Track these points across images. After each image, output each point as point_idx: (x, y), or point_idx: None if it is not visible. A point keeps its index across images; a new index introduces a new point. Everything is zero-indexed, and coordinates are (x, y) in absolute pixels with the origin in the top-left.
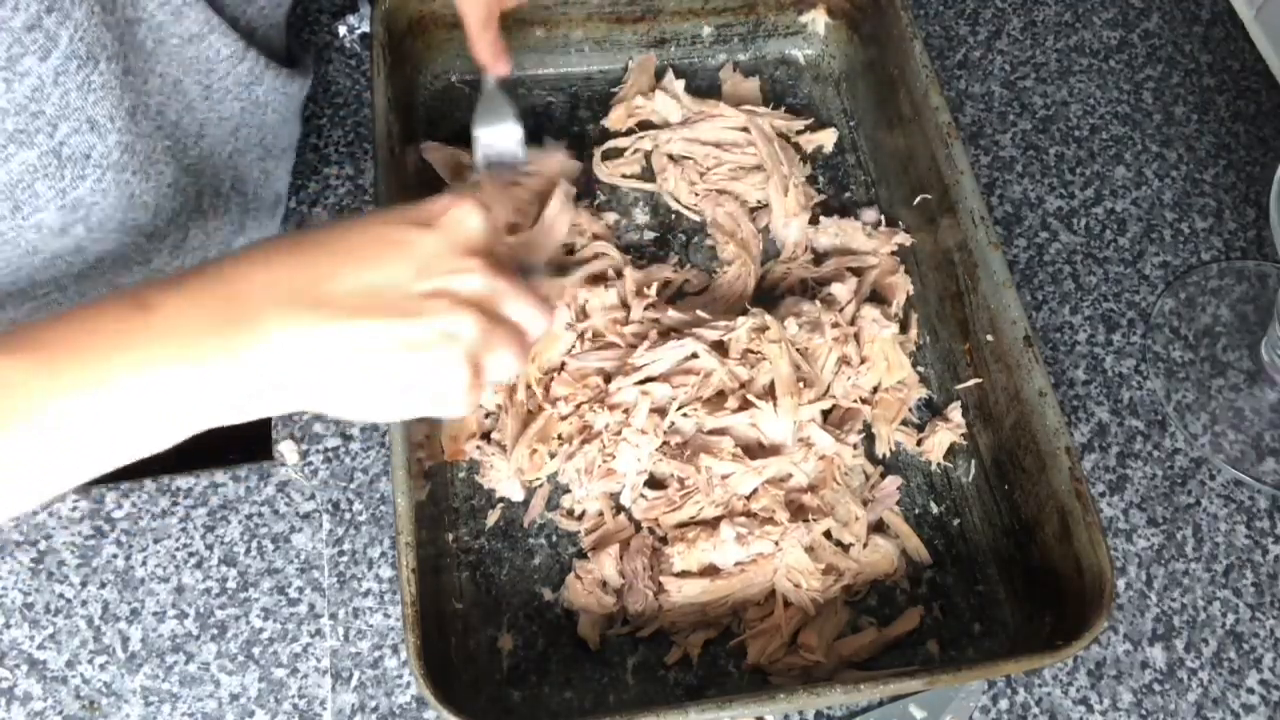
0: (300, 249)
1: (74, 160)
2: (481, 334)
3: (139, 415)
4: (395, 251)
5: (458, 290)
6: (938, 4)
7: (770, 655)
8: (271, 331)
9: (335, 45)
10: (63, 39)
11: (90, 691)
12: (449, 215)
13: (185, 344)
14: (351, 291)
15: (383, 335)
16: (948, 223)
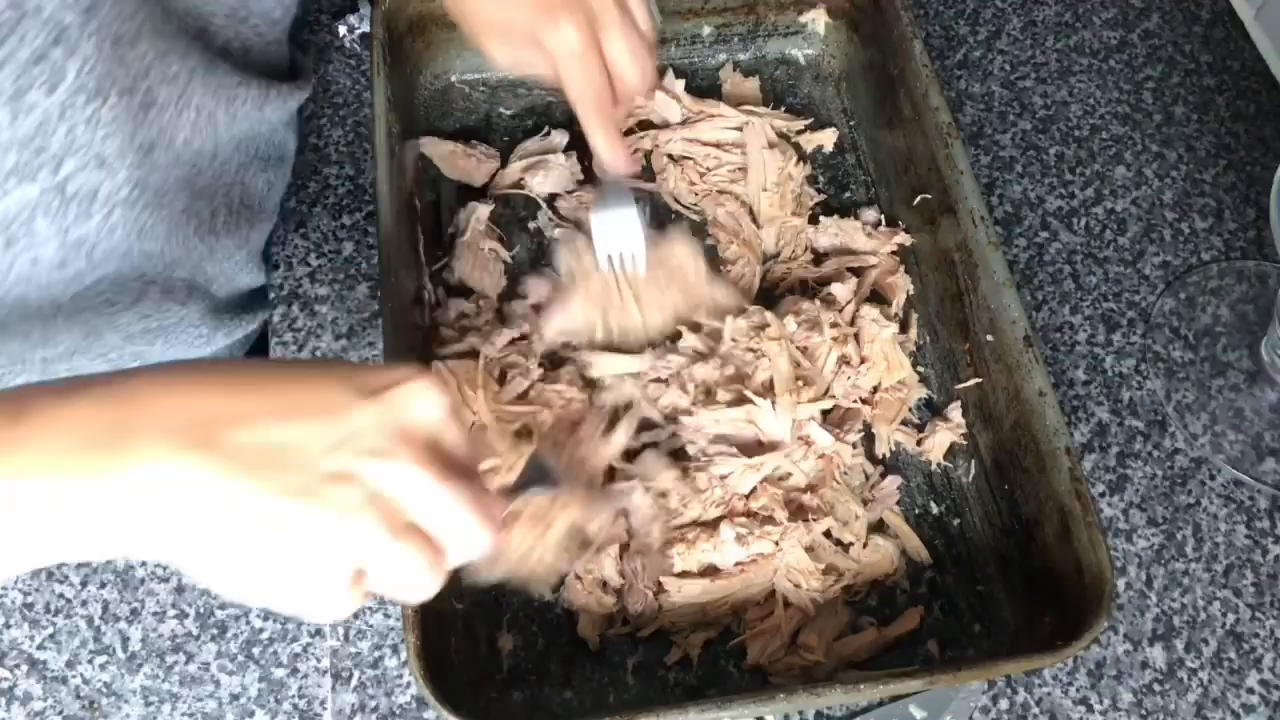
0: (214, 380)
1: (79, 198)
2: (376, 544)
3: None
4: (318, 413)
5: (368, 482)
6: (938, 4)
7: (770, 655)
8: (145, 462)
9: (335, 45)
10: (70, 72)
11: (90, 691)
12: (399, 390)
13: (49, 460)
14: (250, 444)
15: (262, 505)
16: (948, 223)
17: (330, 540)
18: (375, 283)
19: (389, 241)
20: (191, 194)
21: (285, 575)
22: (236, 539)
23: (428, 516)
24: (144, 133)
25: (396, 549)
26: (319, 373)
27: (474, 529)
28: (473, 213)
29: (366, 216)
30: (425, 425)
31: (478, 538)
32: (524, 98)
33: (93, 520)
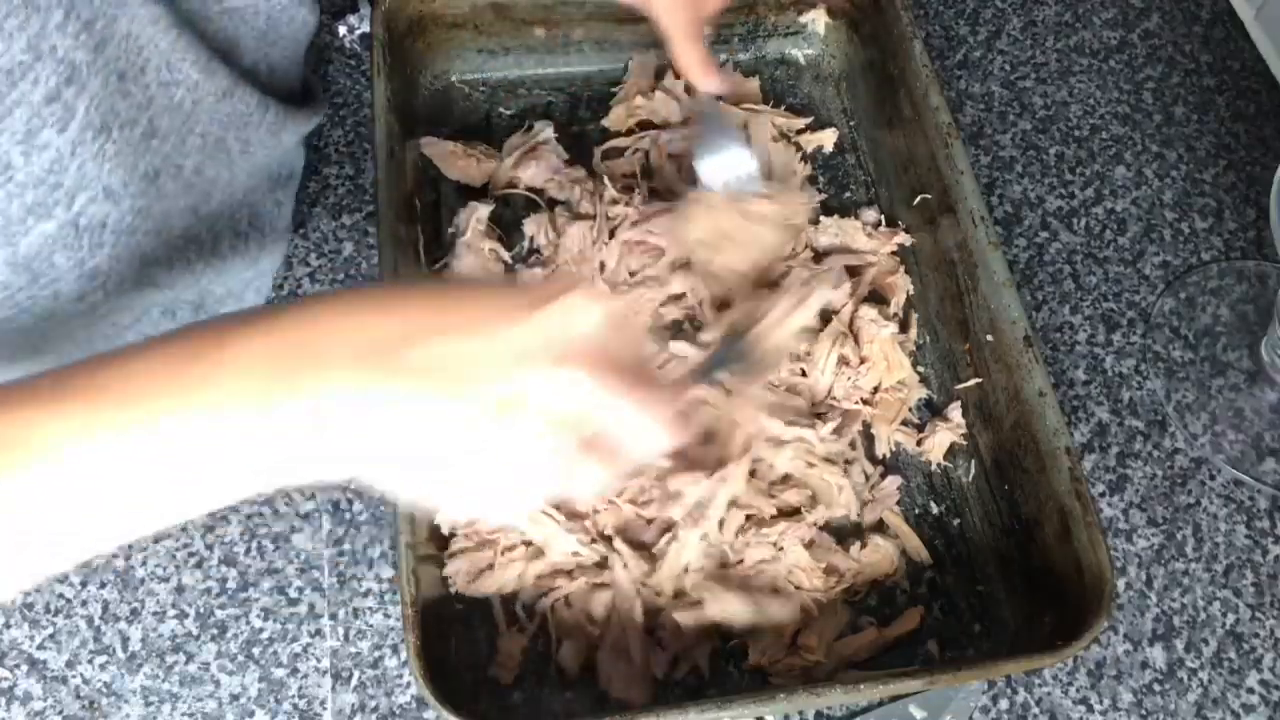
0: (388, 303)
1: (91, 229)
2: (560, 464)
3: (169, 467)
4: (487, 330)
5: (547, 397)
6: (938, 4)
7: (770, 656)
8: (335, 384)
9: (335, 45)
10: (79, 110)
11: (90, 691)
12: (559, 304)
13: (249, 390)
14: (428, 362)
15: (449, 418)
16: (948, 223)
17: (516, 447)
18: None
19: (389, 241)
20: (195, 219)
21: (474, 481)
22: (426, 453)
23: (603, 423)
24: (147, 162)
25: (583, 460)
26: (485, 290)
27: (650, 430)
28: (473, 213)
29: (366, 216)
30: (589, 334)
31: (654, 438)
32: (524, 98)
33: (291, 443)
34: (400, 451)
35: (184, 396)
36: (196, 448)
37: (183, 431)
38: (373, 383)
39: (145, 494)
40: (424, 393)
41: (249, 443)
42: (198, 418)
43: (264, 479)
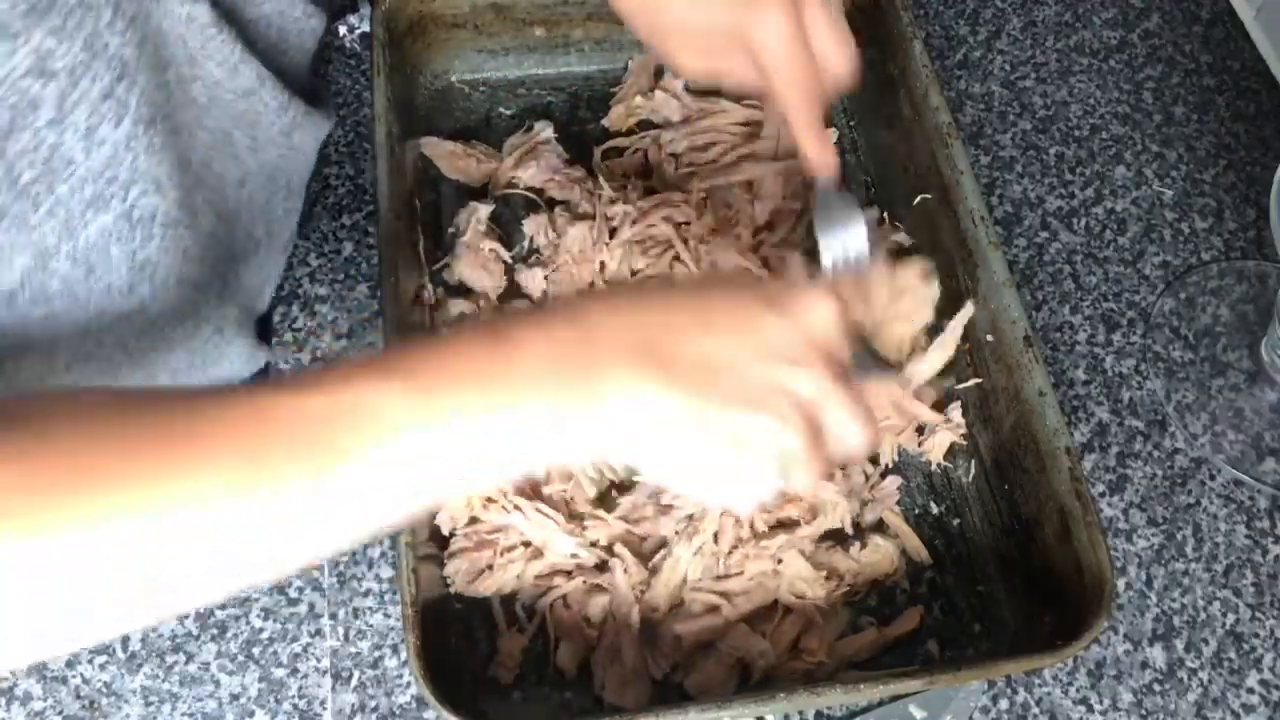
0: (649, 301)
1: (143, 222)
2: (801, 445)
3: (478, 455)
4: (743, 328)
5: (794, 390)
6: (938, 4)
7: (773, 663)
8: (616, 384)
9: (335, 45)
10: (132, 104)
11: (90, 691)
12: (803, 304)
13: (541, 387)
14: (695, 360)
15: (714, 419)
16: (948, 223)
17: (767, 446)
18: (375, 283)
19: (389, 241)
20: (215, 217)
21: (728, 471)
22: (696, 445)
23: (831, 417)
24: (179, 153)
25: (815, 445)
26: (725, 289)
27: (864, 430)
28: (473, 213)
29: (366, 216)
30: (828, 336)
31: (866, 438)
32: (524, 98)
33: (573, 437)
34: (664, 439)
35: (500, 390)
36: (494, 441)
37: (499, 423)
38: (649, 382)
39: (457, 475)
40: (690, 387)
41: (540, 432)
42: (510, 410)
43: (543, 460)
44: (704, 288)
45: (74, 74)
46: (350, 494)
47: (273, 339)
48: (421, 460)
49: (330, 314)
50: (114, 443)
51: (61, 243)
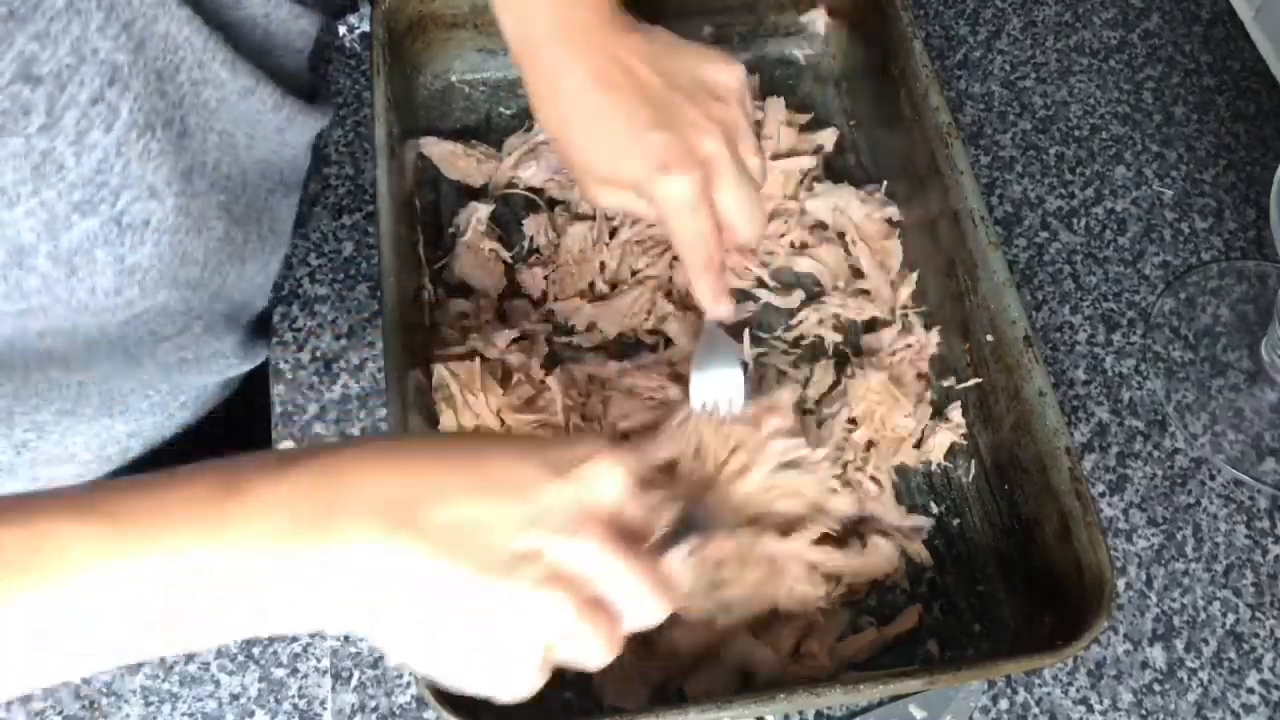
0: (413, 458)
1: (133, 227)
2: (567, 622)
3: (184, 598)
4: (511, 491)
5: (560, 562)
6: (938, 4)
7: (775, 667)
8: (352, 541)
9: (335, 45)
10: (124, 110)
11: (90, 691)
12: (587, 468)
13: (262, 536)
14: (448, 522)
15: (463, 583)
16: (947, 223)
17: (525, 618)
18: (375, 283)
19: (389, 241)
20: (230, 220)
21: (481, 651)
22: (437, 616)
23: (610, 591)
24: (184, 161)
25: (584, 625)
26: (510, 448)
27: (652, 601)
28: (473, 213)
29: (366, 216)
30: (609, 505)
31: (655, 609)
32: (524, 98)
33: (298, 595)
34: (406, 609)
35: (212, 531)
36: (215, 583)
37: (207, 564)
38: (393, 539)
39: (153, 622)
40: (440, 552)
41: (264, 583)
42: (224, 553)
43: (268, 622)
44: (480, 445)
45: (60, 78)
46: (47, 623)
47: (273, 338)
48: (116, 596)
49: (330, 314)
50: None
51: (41, 242)
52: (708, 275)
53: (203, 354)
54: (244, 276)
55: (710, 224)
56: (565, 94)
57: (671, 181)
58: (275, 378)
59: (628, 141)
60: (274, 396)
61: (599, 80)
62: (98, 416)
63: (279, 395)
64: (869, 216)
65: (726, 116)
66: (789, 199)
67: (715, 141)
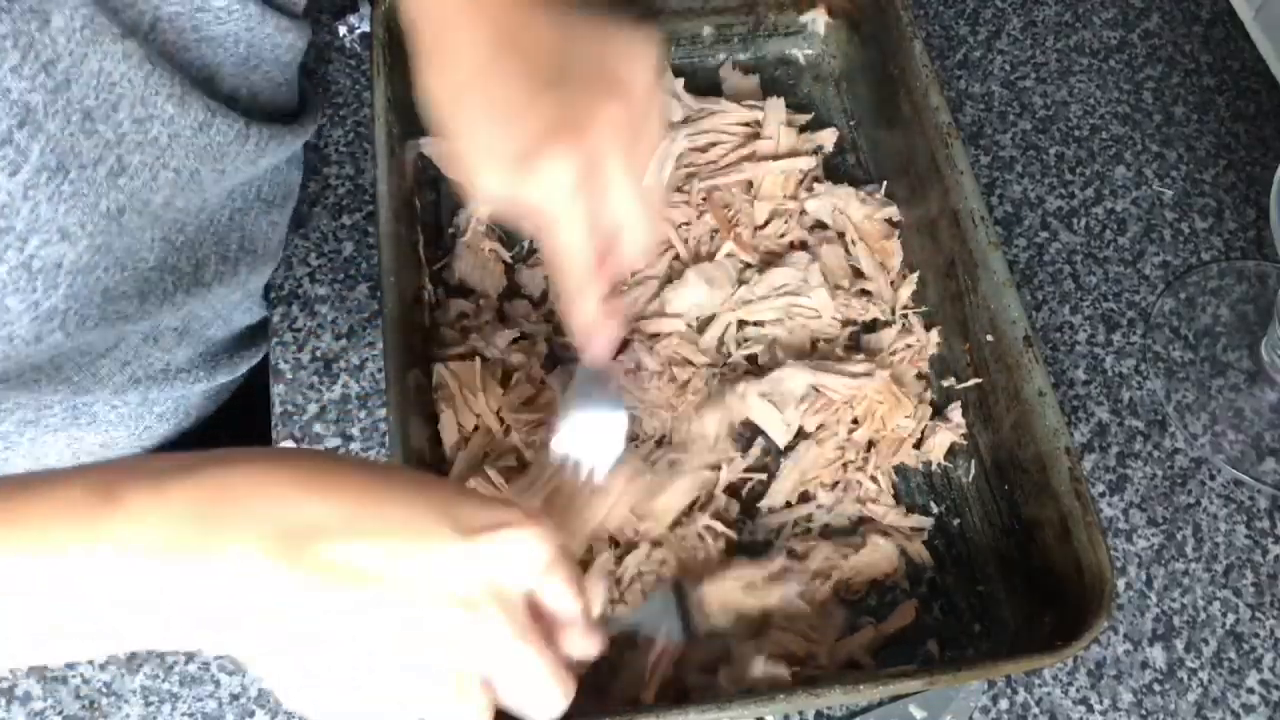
0: (311, 483)
1: (45, 271)
2: (441, 698)
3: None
4: (410, 541)
5: (447, 631)
6: (938, 4)
7: None
8: (231, 562)
9: (335, 45)
10: (34, 153)
11: (90, 691)
12: (500, 536)
13: (136, 547)
14: (336, 562)
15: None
16: (947, 223)
17: (395, 683)
18: (375, 283)
19: (389, 241)
20: (170, 249)
21: (346, 700)
22: (305, 652)
23: (501, 675)
24: (110, 200)
25: (460, 707)
26: (422, 494)
27: (547, 697)
28: (473, 213)
29: (366, 216)
30: (522, 580)
31: (549, 706)
32: None
33: (169, 612)
34: (281, 644)
35: (94, 532)
36: (97, 585)
37: (88, 564)
38: (277, 567)
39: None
40: (325, 594)
41: (139, 593)
42: (106, 555)
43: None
44: (385, 480)
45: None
46: None
47: (273, 338)
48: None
49: (330, 314)
50: None
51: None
52: (581, 293)
53: (152, 369)
54: (210, 299)
55: (588, 226)
56: (453, 62)
57: (553, 160)
58: (275, 378)
59: (507, 113)
60: (274, 396)
61: (491, 47)
62: (64, 427)
63: (279, 395)
64: (869, 216)
65: (628, 100)
66: (789, 199)
67: (609, 126)
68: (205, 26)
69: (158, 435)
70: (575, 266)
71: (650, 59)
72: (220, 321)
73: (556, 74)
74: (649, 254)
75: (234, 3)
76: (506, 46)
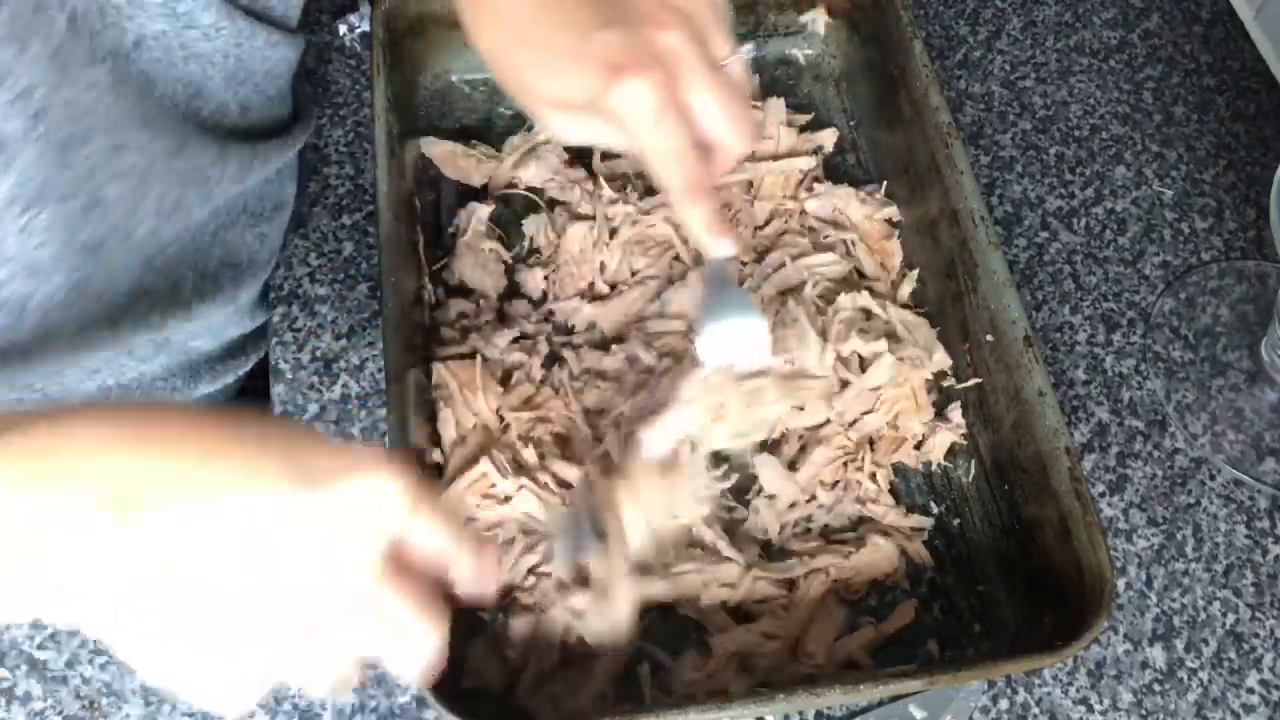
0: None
1: (8, 307)
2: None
3: None
4: (249, 496)
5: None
6: (938, 4)
7: (775, 667)
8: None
9: (335, 45)
10: (4, 185)
11: (90, 691)
12: (349, 483)
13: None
14: (166, 523)
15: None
16: (947, 223)
17: (245, 640)
18: (375, 283)
19: (389, 241)
20: (144, 272)
21: (201, 662)
22: (148, 613)
23: (358, 624)
24: (89, 233)
25: (314, 662)
26: (267, 445)
27: (413, 640)
28: (473, 213)
29: (366, 216)
30: (383, 525)
31: (417, 649)
32: None
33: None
34: (121, 605)
35: None
36: None
37: None
38: (111, 521)
39: None
40: (159, 552)
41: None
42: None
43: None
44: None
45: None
46: None
47: (273, 338)
48: None
49: (330, 314)
50: None
51: None
52: (696, 201)
53: (125, 378)
54: (189, 318)
55: (684, 135)
56: (504, 9)
57: (628, 88)
58: (275, 378)
59: (574, 48)
60: (274, 396)
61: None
62: None
63: (279, 395)
64: (869, 217)
65: (689, 7)
66: (789, 199)
67: (677, 35)
68: (192, 44)
69: None
70: (679, 174)
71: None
72: (208, 335)
73: (608, 12)
74: (748, 145)
75: (222, 19)
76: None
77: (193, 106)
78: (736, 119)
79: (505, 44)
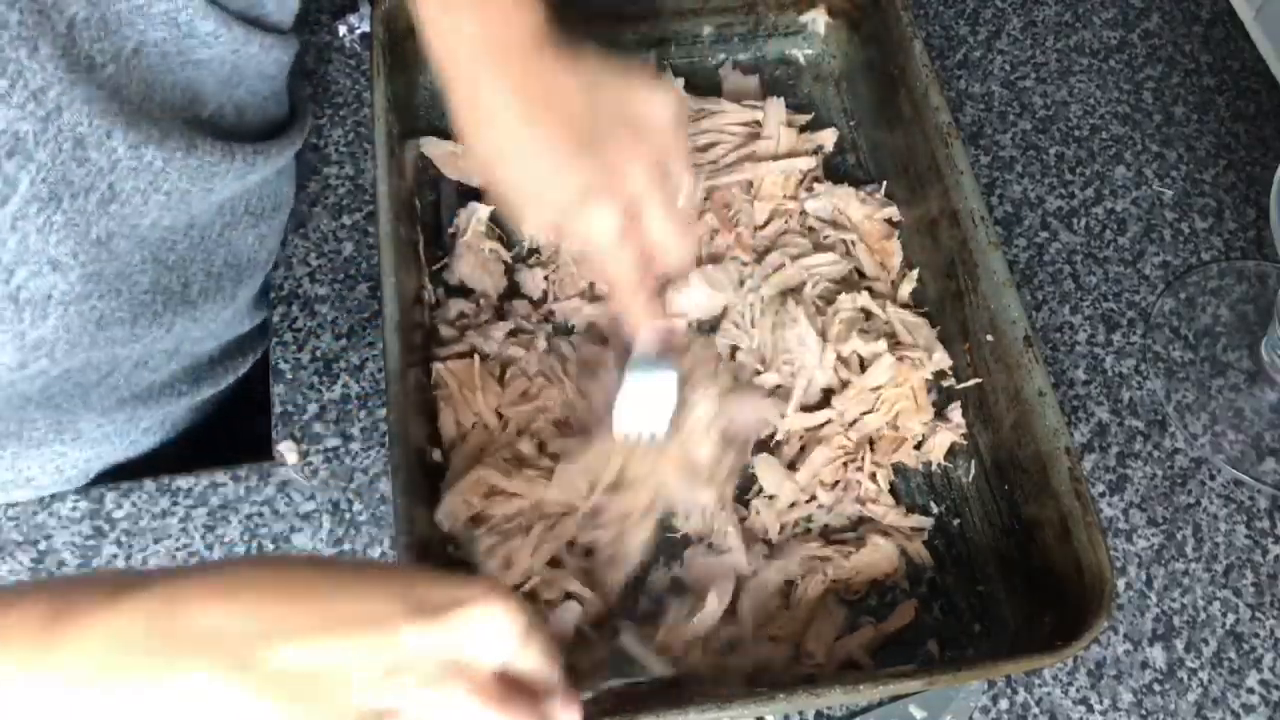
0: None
1: (33, 303)
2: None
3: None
4: (366, 632)
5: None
6: (938, 4)
7: (774, 665)
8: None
9: (335, 45)
10: (23, 183)
11: None
12: (464, 613)
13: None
14: (289, 667)
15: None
16: (947, 222)
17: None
18: (375, 283)
19: (389, 241)
20: (159, 270)
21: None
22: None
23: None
24: (101, 226)
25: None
26: (374, 582)
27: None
28: (473, 213)
29: (366, 216)
30: (489, 659)
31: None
32: None
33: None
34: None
35: (37, 658)
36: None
37: (30, 694)
38: (229, 683)
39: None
40: (274, 698)
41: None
42: (48, 682)
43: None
44: (335, 575)
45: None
46: None
47: (273, 339)
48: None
49: (330, 314)
50: None
51: None
52: (637, 306)
53: (138, 390)
54: (196, 317)
55: (636, 257)
56: (492, 121)
57: (595, 215)
58: (275, 378)
59: (552, 171)
60: (274, 396)
61: (527, 108)
62: (47, 443)
63: (279, 395)
64: (869, 216)
65: (655, 144)
66: (789, 199)
67: (641, 172)
68: (191, 52)
69: (143, 448)
70: (625, 284)
71: (668, 103)
72: (210, 338)
73: (589, 133)
74: (687, 266)
75: (220, 28)
76: (540, 106)
77: (191, 110)
78: (680, 244)
79: (491, 150)
